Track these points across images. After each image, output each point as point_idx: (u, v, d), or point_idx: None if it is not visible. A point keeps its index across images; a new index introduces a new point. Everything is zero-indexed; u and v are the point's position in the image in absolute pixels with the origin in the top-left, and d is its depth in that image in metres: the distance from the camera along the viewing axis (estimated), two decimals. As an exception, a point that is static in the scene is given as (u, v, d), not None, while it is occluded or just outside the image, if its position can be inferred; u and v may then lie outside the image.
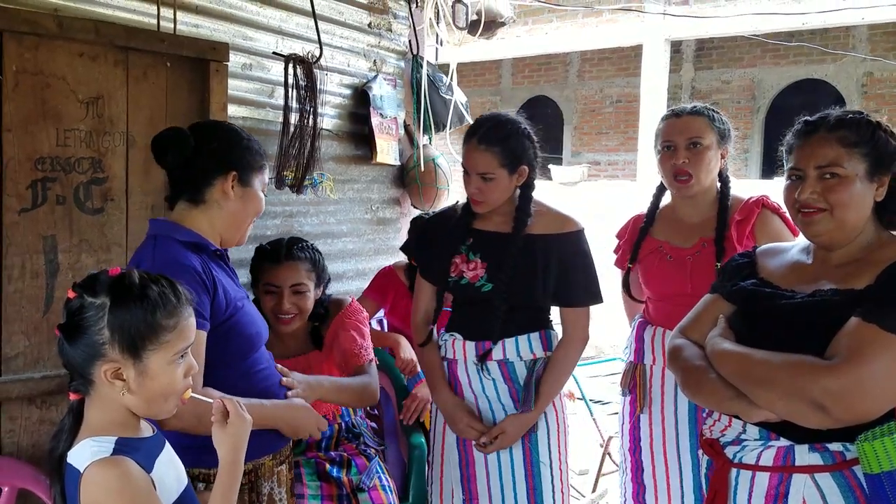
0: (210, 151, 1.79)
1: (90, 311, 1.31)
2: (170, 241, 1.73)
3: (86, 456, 1.30)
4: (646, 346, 2.36)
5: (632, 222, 2.51)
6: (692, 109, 2.29)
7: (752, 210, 2.23)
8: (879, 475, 1.40)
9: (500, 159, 2.13)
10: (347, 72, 3.33)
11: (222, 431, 1.47)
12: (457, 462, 2.29)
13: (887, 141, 1.56)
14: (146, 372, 1.34)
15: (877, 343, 1.40)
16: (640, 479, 2.37)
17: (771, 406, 1.51)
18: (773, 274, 1.71)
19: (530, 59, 12.60)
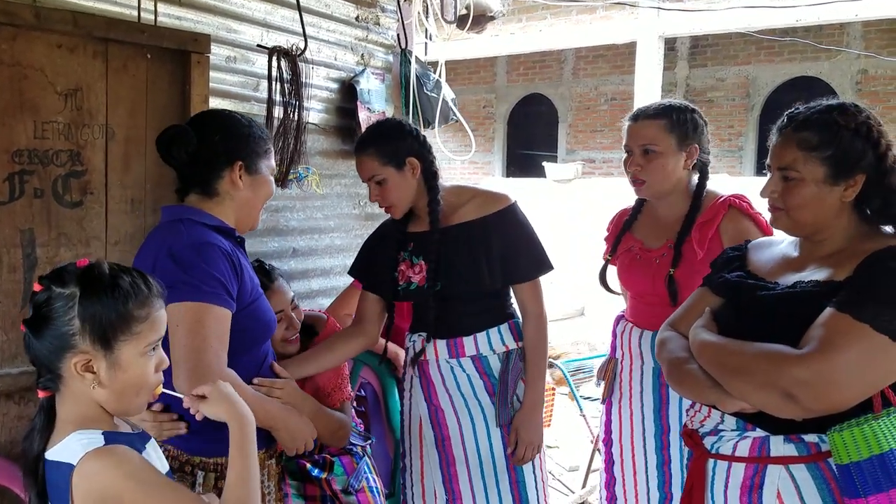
0: (213, 144, 1.80)
1: (58, 302, 1.28)
2: (198, 225, 1.76)
3: (75, 449, 1.27)
4: (617, 342, 2.39)
5: (617, 216, 2.51)
6: (651, 111, 2.26)
7: (718, 211, 2.21)
8: (848, 465, 1.39)
9: (380, 159, 2.16)
10: (334, 65, 3.31)
11: (209, 405, 1.46)
12: (437, 462, 2.27)
13: (851, 143, 1.53)
14: (118, 364, 1.31)
15: (849, 333, 1.39)
16: (612, 472, 2.39)
17: (744, 396, 1.50)
18: (761, 267, 1.72)
19: (525, 57, 12.59)
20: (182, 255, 1.68)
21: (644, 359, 2.27)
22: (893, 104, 10.01)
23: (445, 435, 2.26)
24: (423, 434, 2.30)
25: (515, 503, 2.22)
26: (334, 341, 2.30)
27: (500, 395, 2.19)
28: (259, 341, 1.85)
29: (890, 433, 1.37)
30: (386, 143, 2.17)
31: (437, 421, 2.27)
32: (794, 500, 1.50)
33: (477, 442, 2.23)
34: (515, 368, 2.23)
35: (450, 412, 2.25)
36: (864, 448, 1.37)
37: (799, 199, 1.57)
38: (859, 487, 1.37)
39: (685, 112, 2.25)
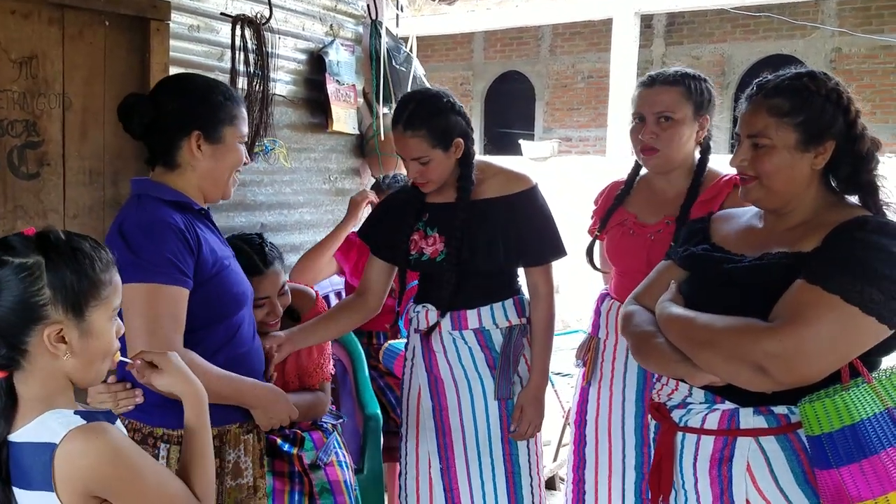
0: (170, 113, 1.73)
1: (22, 273, 1.21)
2: (154, 201, 1.70)
3: (55, 428, 1.22)
4: (601, 320, 2.31)
5: (608, 189, 2.42)
6: (669, 77, 2.16)
7: (722, 190, 2.13)
8: (820, 437, 1.38)
9: (431, 141, 2.07)
10: (302, 36, 3.24)
11: (163, 376, 1.43)
12: (433, 432, 2.27)
13: (823, 109, 1.51)
14: (90, 331, 1.27)
15: (820, 305, 1.38)
16: (583, 453, 2.33)
17: (713, 369, 1.49)
18: (726, 239, 1.70)
19: (502, 34, 12.53)
20: (131, 235, 1.65)
21: None
22: (867, 82, 10.08)
23: (443, 405, 2.25)
24: (422, 403, 2.29)
25: (508, 475, 2.21)
26: (337, 312, 2.29)
27: (500, 369, 2.17)
28: (229, 313, 1.79)
29: (861, 404, 1.36)
30: (438, 123, 2.08)
31: (437, 391, 2.26)
32: (764, 473, 1.50)
33: (474, 413, 2.22)
34: (518, 344, 2.21)
35: (449, 383, 2.24)
36: (836, 419, 1.36)
37: (770, 166, 1.54)
38: (831, 458, 1.37)
39: (701, 81, 2.18)
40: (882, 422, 1.35)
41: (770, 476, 1.50)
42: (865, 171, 1.53)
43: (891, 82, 9.91)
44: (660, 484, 1.67)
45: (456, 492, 2.24)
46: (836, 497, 1.37)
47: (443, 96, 2.14)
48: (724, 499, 1.54)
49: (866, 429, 1.35)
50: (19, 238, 1.26)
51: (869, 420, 1.35)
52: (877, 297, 1.36)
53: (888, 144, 9.87)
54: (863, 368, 1.41)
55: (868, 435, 1.34)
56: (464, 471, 2.23)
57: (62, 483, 1.21)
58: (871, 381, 1.39)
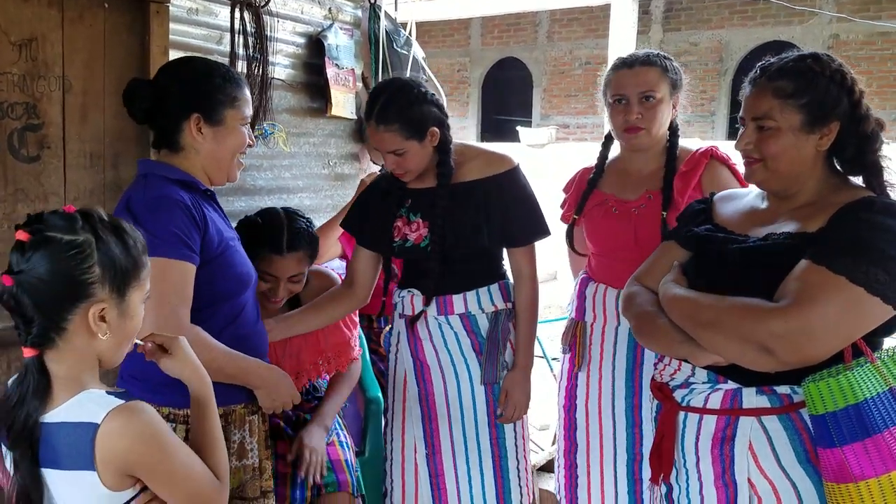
0: (170, 97, 1.74)
1: (73, 251, 1.20)
2: (160, 179, 1.72)
3: (93, 409, 1.21)
4: (587, 303, 2.30)
5: (579, 175, 2.44)
6: (644, 58, 2.20)
7: (700, 161, 2.18)
8: (824, 416, 1.39)
9: (405, 133, 2.05)
10: (301, 19, 3.22)
11: (172, 360, 1.43)
12: (419, 417, 2.27)
13: (827, 89, 1.51)
14: (127, 311, 1.28)
15: (826, 285, 1.38)
16: (574, 438, 2.33)
17: (718, 349, 1.49)
18: (729, 219, 1.70)
19: (499, 20, 12.49)
20: (138, 211, 1.65)
21: (620, 319, 2.21)
22: (865, 69, 10.07)
23: (429, 391, 2.25)
24: (408, 389, 2.29)
25: (494, 459, 2.21)
26: (322, 302, 2.26)
27: (487, 354, 2.17)
28: (233, 294, 1.79)
29: (864, 383, 1.37)
30: (410, 115, 2.05)
31: (422, 376, 2.26)
32: (766, 452, 1.51)
33: (460, 398, 2.22)
34: (504, 329, 2.20)
35: (435, 368, 2.24)
36: (840, 398, 1.37)
37: (776, 148, 1.54)
38: (835, 437, 1.37)
39: (671, 60, 2.22)
40: (885, 401, 1.36)
41: (772, 455, 1.51)
42: (870, 152, 1.53)
43: (888, 69, 9.92)
44: (660, 463, 1.68)
45: (441, 478, 2.24)
46: (838, 475, 1.38)
47: (413, 86, 2.11)
48: (726, 478, 1.55)
49: (870, 408, 1.35)
50: (63, 216, 1.24)
51: (872, 399, 1.36)
52: (882, 278, 1.36)
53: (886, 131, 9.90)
54: (866, 348, 1.41)
55: (872, 414, 1.35)
56: (450, 457, 2.23)
57: (103, 462, 1.21)
58: (875, 360, 1.40)
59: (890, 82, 9.91)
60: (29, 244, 1.21)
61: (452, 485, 2.23)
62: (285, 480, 2.18)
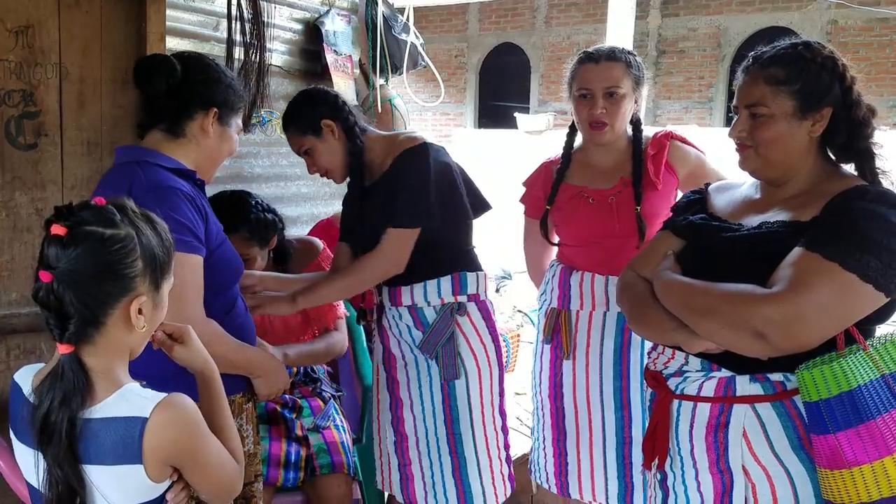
0: (195, 83, 1.74)
1: (116, 245, 1.19)
2: (155, 168, 1.67)
3: (140, 403, 1.21)
4: (573, 292, 2.30)
5: (542, 169, 2.45)
6: (610, 53, 2.22)
7: (663, 142, 2.24)
8: (818, 402, 1.40)
9: (298, 130, 2.18)
10: (298, 5, 3.21)
11: (185, 349, 1.43)
12: (388, 404, 2.30)
13: (818, 75, 1.52)
14: (160, 303, 1.29)
15: (819, 271, 1.39)
16: (562, 426, 2.34)
17: (712, 335, 1.50)
18: (723, 209, 1.71)
19: (497, 5, 12.43)
20: (145, 201, 1.57)
21: (609, 305, 2.24)
22: (863, 55, 10.06)
23: (395, 377, 2.28)
24: (379, 375, 2.33)
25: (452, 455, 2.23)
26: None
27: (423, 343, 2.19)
28: (229, 284, 1.82)
29: (857, 370, 1.38)
30: (298, 113, 2.19)
31: (389, 363, 2.30)
32: (760, 438, 1.52)
33: (420, 389, 2.24)
34: (444, 320, 2.19)
35: (399, 358, 2.27)
36: (834, 385, 1.38)
37: (769, 135, 1.55)
38: (829, 424, 1.38)
39: (635, 56, 2.26)
40: (878, 388, 1.37)
41: (766, 442, 1.52)
42: (862, 138, 1.54)
43: (886, 55, 9.90)
44: (654, 450, 1.69)
45: (408, 467, 2.27)
46: (832, 461, 1.39)
47: (305, 91, 2.25)
48: (721, 464, 1.57)
49: (863, 395, 1.37)
50: (99, 209, 1.22)
51: (865, 386, 1.37)
52: (875, 265, 1.37)
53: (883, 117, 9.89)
54: (859, 336, 1.42)
55: (865, 401, 1.36)
56: (414, 445, 2.26)
57: (149, 455, 1.21)
58: (867, 348, 1.41)
59: (888, 68, 9.89)
60: (68, 238, 1.18)
61: (418, 473, 2.26)
62: (279, 462, 2.22)
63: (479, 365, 2.22)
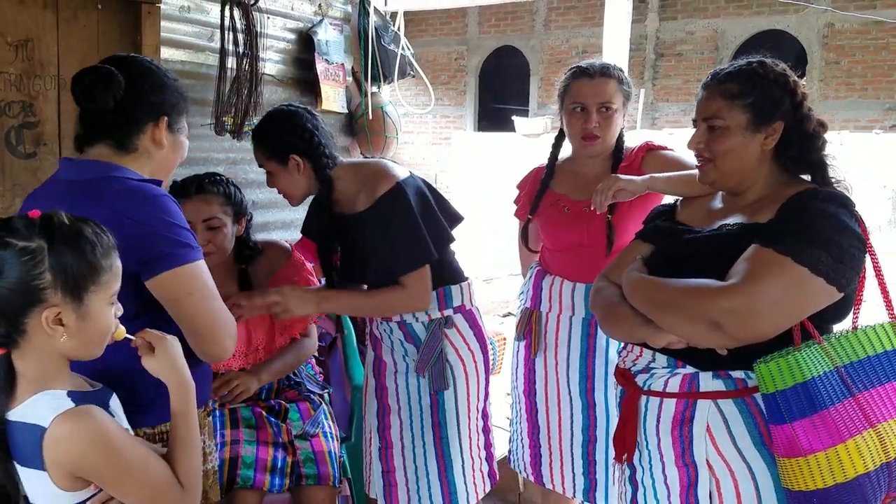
0: (142, 94, 1.61)
1: (25, 256, 1.23)
2: (126, 181, 1.55)
3: (44, 411, 1.24)
4: (543, 294, 2.40)
5: (533, 174, 2.54)
6: (603, 70, 2.30)
7: (637, 155, 2.31)
8: (774, 394, 1.46)
9: (265, 153, 2.15)
10: (291, 15, 3.30)
11: (154, 360, 1.42)
12: (375, 411, 2.34)
13: (770, 91, 1.62)
14: (87, 315, 1.29)
15: (772, 264, 1.46)
16: (535, 420, 2.43)
17: (673, 328, 1.57)
18: (690, 217, 1.81)
19: (497, 8, 12.48)
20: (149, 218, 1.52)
21: (575, 310, 2.33)
22: (859, 58, 10.11)
23: (384, 385, 2.32)
24: (368, 382, 2.38)
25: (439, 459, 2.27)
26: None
27: (431, 365, 2.22)
28: None
29: (811, 362, 1.45)
30: (268, 136, 2.15)
31: (379, 370, 2.34)
32: (723, 433, 1.59)
33: (409, 398, 2.28)
34: (435, 336, 2.23)
35: (390, 364, 2.31)
36: (789, 377, 1.44)
37: (724, 146, 1.65)
38: (785, 414, 1.45)
39: (623, 72, 2.34)
40: (832, 379, 1.45)
41: (728, 437, 1.59)
42: (814, 150, 1.63)
43: (882, 58, 9.94)
44: (624, 445, 1.76)
45: (392, 474, 2.30)
46: (789, 450, 1.46)
47: (286, 114, 2.17)
48: (686, 458, 1.63)
49: (817, 386, 1.44)
50: (23, 220, 1.26)
51: (819, 378, 1.44)
52: (825, 259, 1.45)
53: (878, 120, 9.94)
54: (813, 330, 1.49)
55: (819, 391, 1.43)
56: (399, 452, 2.29)
57: (51, 465, 1.24)
58: (822, 342, 1.48)
59: (884, 71, 9.94)
60: None
61: (402, 479, 2.29)
62: (265, 467, 2.23)
63: (466, 371, 2.28)
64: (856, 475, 1.41)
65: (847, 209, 1.54)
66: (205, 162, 3.02)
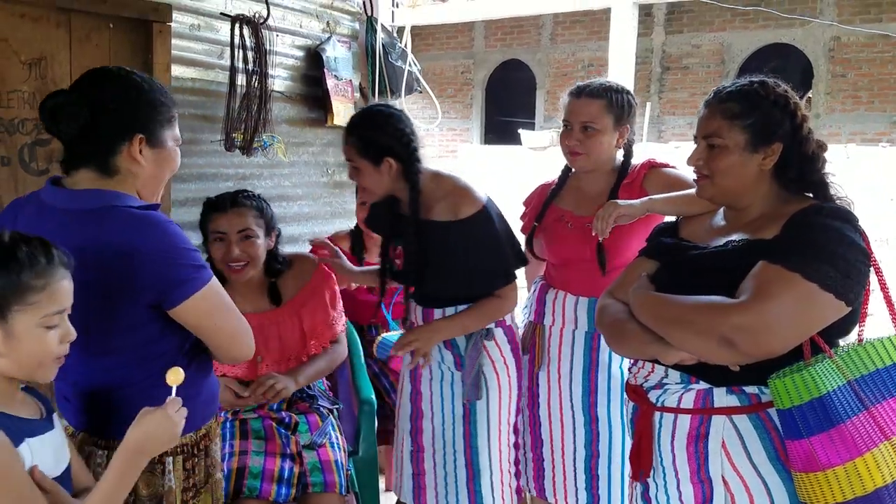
0: (108, 114, 1.52)
1: None
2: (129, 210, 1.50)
3: None
4: (546, 308, 2.43)
5: (538, 190, 2.58)
6: (592, 90, 2.33)
7: (640, 173, 2.34)
8: (791, 409, 1.47)
9: (358, 149, 2.19)
10: (300, 33, 3.32)
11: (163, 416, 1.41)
12: (408, 415, 2.39)
13: (770, 112, 1.63)
14: (13, 334, 1.29)
15: (782, 281, 1.47)
16: (539, 434, 2.44)
17: (684, 345, 1.57)
18: (693, 233, 1.82)
19: (503, 22, 12.55)
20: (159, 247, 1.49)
21: (577, 324, 2.35)
22: (865, 71, 10.11)
23: (419, 389, 2.37)
24: (403, 386, 2.43)
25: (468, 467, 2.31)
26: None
27: (465, 374, 2.28)
28: None
29: (826, 377, 1.45)
30: (367, 136, 2.18)
31: (415, 376, 2.39)
32: (739, 449, 1.59)
33: (442, 403, 2.33)
34: (476, 348, 2.29)
35: (425, 371, 2.36)
36: (805, 392, 1.44)
37: (722, 165, 1.66)
38: (802, 429, 1.45)
39: (622, 94, 2.35)
40: (845, 393, 1.45)
41: (744, 452, 1.59)
42: (814, 171, 1.65)
43: (888, 71, 9.95)
44: (640, 462, 1.75)
45: (422, 477, 2.35)
46: (807, 465, 1.46)
47: (385, 112, 2.24)
48: (701, 474, 1.63)
49: (832, 400, 1.43)
50: None
51: (834, 392, 1.44)
52: (833, 274, 1.46)
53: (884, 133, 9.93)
54: (824, 344, 1.50)
55: (834, 406, 1.43)
56: (430, 456, 2.34)
57: None
58: (833, 356, 1.48)
59: (890, 84, 9.94)
60: None
61: (431, 483, 2.34)
62: (272, 477, 2.25)
63: (500, 384, 2.32)
64: (875, 488, 1.41)
65: (851, 224, 1.54)
66: (214, 178, 3.04)
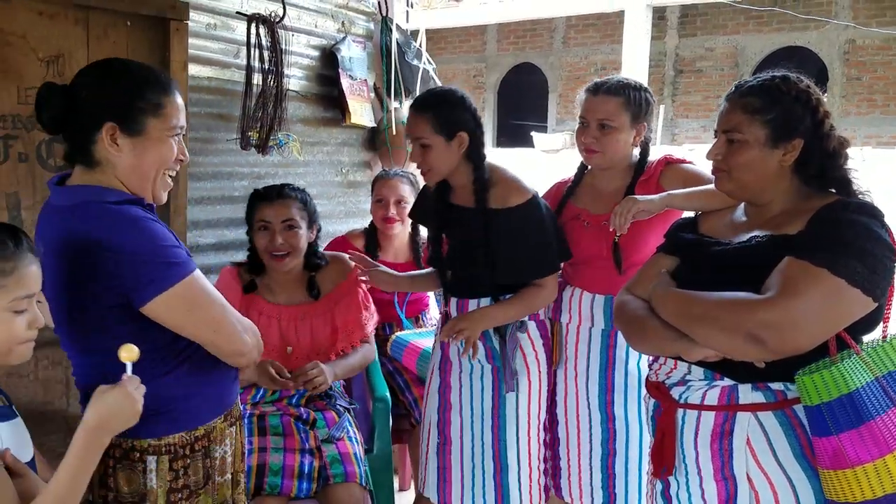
0: (83, 103, 1.52)
1: None
2: (105, 206, 1.50)
3: None
4: (563, 306, 2.42)
5: (555, 188, 2.58)
6: (609, 87, 2.32)
7: (656, 169, 2.33)
8: (819, 406, 1.45)
9: (434, 125, 2.20)
10: (315, 33, 3.32)
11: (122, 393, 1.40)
12: (436, 407, 2.40)
13: (791, 107, 1.61)
14: None
15: (808, 276, 1.45)
16: (555, 432, 2.44)
17: (710, 342, 1.56)
18: (712, 229, 1.80)
19: (515, 25, 12.58)
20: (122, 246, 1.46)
21: (594, 321, 2.35)
22: (881, 73, 10.07)
23: (447, 382, 2.38)
24: (432, 379, 2.43)
25: (495, 459, 2.31)
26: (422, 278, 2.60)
27: (505, 363, 2.28)
28: None
29: (854, 374, 1.43)
30: (444, 111, 2.21)
31: (444, 368, 2.40)
32: (764, 447, 1.57)
33: (472, 395, 2.33)
34: (513, 339, 2.29)
35: (456, 363, 2.37)
36: (834, 389, 1.43)
37: (742, 160, 1.64)
38: (831, 426, 1.43)
39: (640, 91, 2.34)
40: (874, 389, 1.43)
41: (769, 450, 1.57)
42: (835, 168, 1.62)
43: (904, 73, 9.90)
44: (662, 459, 1.73)
45: (448, 471, 2.35)
46: (835, 462, 1.44)
47: (458, 92, 2.29)
48: (725, 472, 1.61)
49: (861, 397, 1.42)
50: None
51: (863, 388, 1.42)
52: (860, 270, 1.44)
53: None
54: (851, 341, 1.48)
55: (864, 402, 1.41)
56: (458, 449, 2.34)
57: None
58: (860, 352, 1.46)
59: (906, 86, 9.89)
60: None
61: (458, 476, 2.34)
62: (293, 473, 2.28)
63: (530, 379, 2.32)
64: None
65: (878, 220, 1.52)
66: (230, 176, 3.04)
